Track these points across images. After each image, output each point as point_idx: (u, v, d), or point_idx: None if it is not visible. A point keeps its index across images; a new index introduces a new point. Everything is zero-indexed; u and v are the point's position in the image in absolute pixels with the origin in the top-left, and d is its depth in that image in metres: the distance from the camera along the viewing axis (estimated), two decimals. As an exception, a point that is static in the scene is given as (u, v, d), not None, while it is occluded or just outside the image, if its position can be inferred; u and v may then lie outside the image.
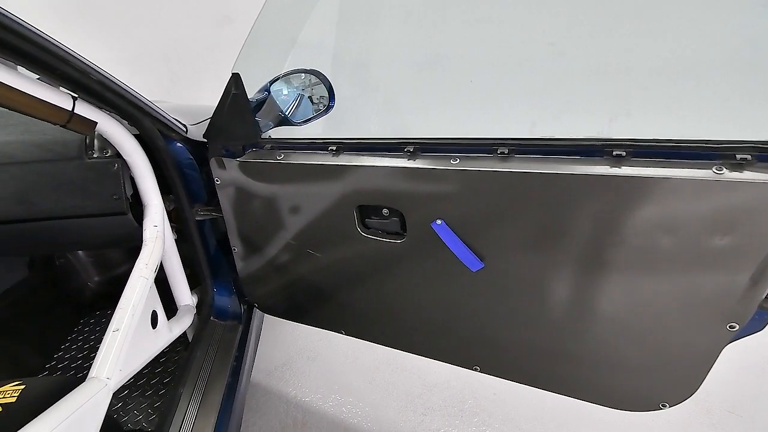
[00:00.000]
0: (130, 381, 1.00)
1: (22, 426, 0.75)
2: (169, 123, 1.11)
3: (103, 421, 0.81)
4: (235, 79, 0.95)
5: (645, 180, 0.69)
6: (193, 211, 1.27)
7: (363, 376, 1.80)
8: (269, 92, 1.05)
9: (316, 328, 1.34)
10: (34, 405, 0.83)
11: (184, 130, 1.19)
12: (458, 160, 0.83)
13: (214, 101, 1.50)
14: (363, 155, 0.94)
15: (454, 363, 1.11)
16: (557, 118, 1.59)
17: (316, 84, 1.25)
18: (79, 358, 1.63)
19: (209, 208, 1.28)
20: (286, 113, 1.11)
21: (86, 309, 1.86)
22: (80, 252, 1.85)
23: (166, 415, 1.06)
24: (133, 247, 1.92)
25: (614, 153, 0.73)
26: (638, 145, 0.73)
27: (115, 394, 0.87)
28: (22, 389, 0.87)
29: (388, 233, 1.00)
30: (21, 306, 1.56)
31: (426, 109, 1.99)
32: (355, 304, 1.18)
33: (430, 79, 2.02)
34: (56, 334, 1.70)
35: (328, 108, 1.12)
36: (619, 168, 0.72)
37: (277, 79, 1.06)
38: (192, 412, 1.10)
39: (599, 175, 0.72)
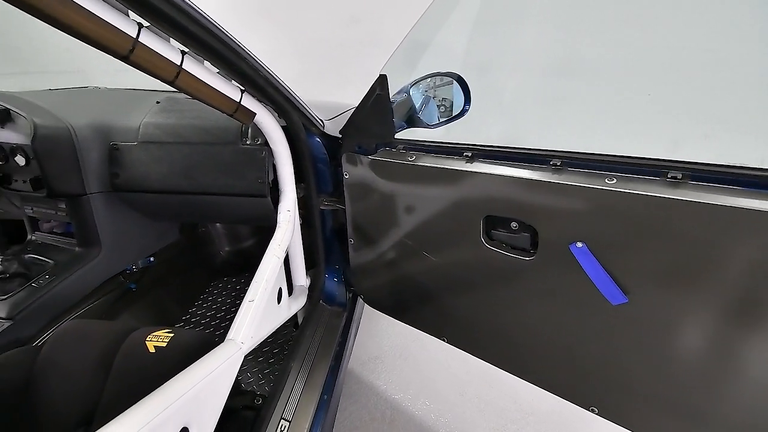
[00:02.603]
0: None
1: (170, 367, 0.87)
2: (311, 118, 1.20)
3: None
4: (381, 81, 0.98)
5: None
6: (319, 201, 1.35)
7: (454, 387, 1.76)
8: (408, 94, 1.06)
9: (410, 329, 1.34)
10: (179, 352, 0.96)
11: (322, 125, 1.27)
12: (615, 180, 0.75)
13: (336, 97, 1.59)
14: (500, 164, 0.91)
15: (568, 398, 1.02)
16: (706, 138, 1.36)
17: (439, 86, 1.24)
18: (207, 317, 1.87)
19: (333, 199, 1.36)
20: (420, 115, 1.11)
21: (216, 274, 2.12)
22: (217, 224, 2.12)
23: (277, 384, 1.16)
24: (259, 226, 2.15)
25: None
26: None
27: None
28: (172, 337, 1.01)
29: (513, 248, 0.95)
30: (171, 264, 1.84)
31: (549, 118, 1.86)
32: (465, 314, 1.15)
33: (560, 86, 1.88)
34: (192, 292, 1.98)
35: (463, 111, 1.10)
36: None
37: (417, 81, 1.07)
38: (299, 387, 1.17)
39: None
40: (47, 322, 1.28)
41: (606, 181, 0.75)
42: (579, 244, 0.80)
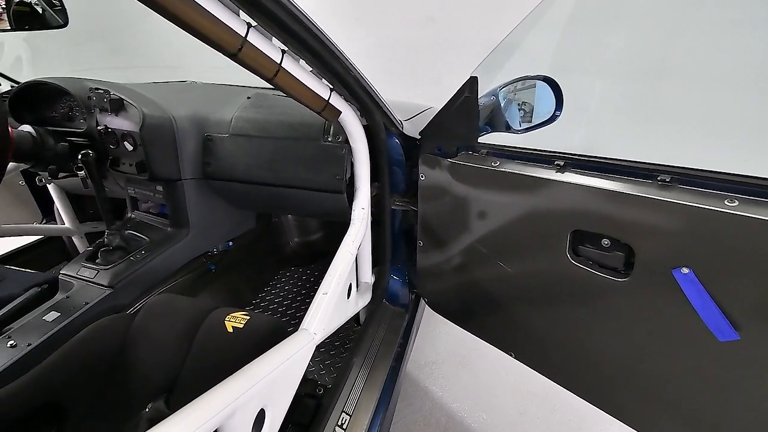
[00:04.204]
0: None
1: (245, 348, 0.92)
2: (392, 118, 1.20)
3: None
4: (471, 83, 0.96)
5: None
6: (391, 200, 1.36)
7: (515, 403, 1.69)
8: (497, 97, 1.03)
9: (469, 336, 1.30)
10: (254, 335, 1.01)
11: (401, 126, 1.27)
12: (736, 202, 0.66)
13: (406, 98, 1.57)
14: (594, 176, 0.84)
15: None
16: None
17: (521, 89, 1.19)
18: (275, 303, 1.96)
19: (405, 199, 1.35)
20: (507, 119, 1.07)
21: (285, 263, 2.22)
22: (289, 216, 2.21)
23: (340, 377, 1.18)
24: (326, 221, 2.21)
25: None
26: None
27: None
28: (248, 320, 1.06)
29: (603, 266, 0.88)
30: (246, 250, 1.96)
31: (642, 126, 1.71)
32: (539, 331, 1.09)
33: (655, 91, 1.72)
34: (263, 278, 2.08)
35: (554, 117, 1.05)
36: None
37: (507, 85, 1.03)
38: (360, 383, 1.19)
39: None
40: (140, 293, 1.41)
41: (726, 203, 0.67)
42: (685, 270, 0.73)
